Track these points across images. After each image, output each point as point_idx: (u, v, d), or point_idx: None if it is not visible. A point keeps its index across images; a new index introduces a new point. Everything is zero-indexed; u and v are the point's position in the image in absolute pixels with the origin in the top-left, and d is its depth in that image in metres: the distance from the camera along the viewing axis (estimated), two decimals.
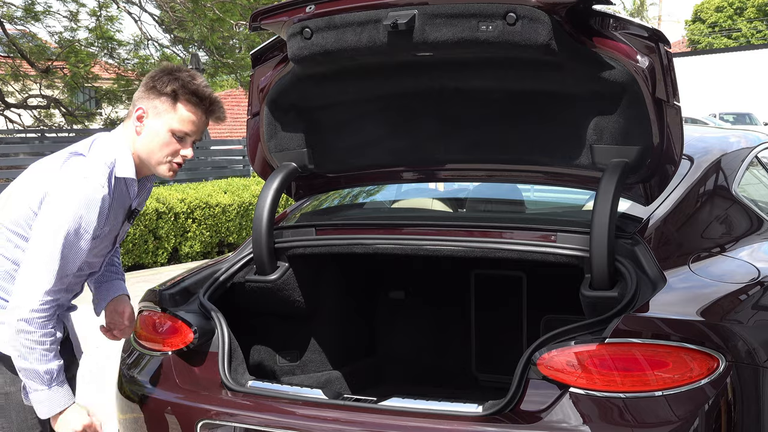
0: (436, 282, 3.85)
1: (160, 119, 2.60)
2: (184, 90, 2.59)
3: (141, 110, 2.62)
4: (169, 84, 2.59)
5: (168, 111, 2.60)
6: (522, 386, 2.51)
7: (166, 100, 2.59)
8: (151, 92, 2.62)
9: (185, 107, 2.60)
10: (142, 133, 2.62)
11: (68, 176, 2.51)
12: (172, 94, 2.59)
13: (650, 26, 2.60)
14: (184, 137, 2.62)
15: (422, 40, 2.61)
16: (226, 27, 15.06)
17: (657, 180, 2.80)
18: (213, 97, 2.64)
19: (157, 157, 2.63)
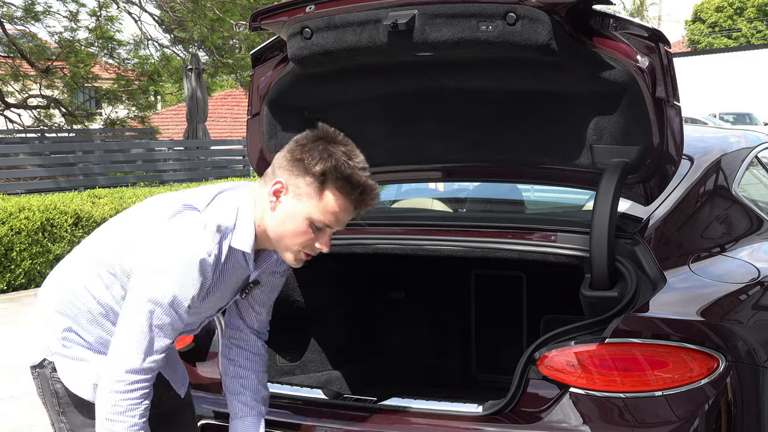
0: (436, 282, 3.85)
1: (300, 203, 2.23)
2: (337, 174, 2.20)
3: (280, 184, 2.24)
4: (320, 162, 2.20)
5: (311, 197, 2.22)
6: (522, 386, 2.51)
7: (311, 183, 2.21)
8: (296, 166, 2.23)
9: (333, 196, 2.21)
10: (276, 210, 2.26)
11: (174, 233, 2.22)
12: (321, 177, 2.20)
13: (650, 26, 2.60)
14: (324, 228, 2.27)
15: (422, 40, 2.61)
16: (226, 27, 15.08)
17: (657, 180, 2.80)
18: (368, 185, 2.23)
19: (286, 244, 2.28)
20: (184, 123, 18.01)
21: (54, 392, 2.40)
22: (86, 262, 2.39)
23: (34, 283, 9.08)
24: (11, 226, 8.72)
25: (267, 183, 2.30)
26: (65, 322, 2.37)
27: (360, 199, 2.24)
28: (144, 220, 2.34)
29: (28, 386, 5.71)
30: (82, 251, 2.44)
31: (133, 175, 14.22)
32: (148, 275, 2.20)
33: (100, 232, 2.46)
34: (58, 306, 2.38)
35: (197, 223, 2.23)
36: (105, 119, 18.65)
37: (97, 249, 2.39)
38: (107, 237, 2.41)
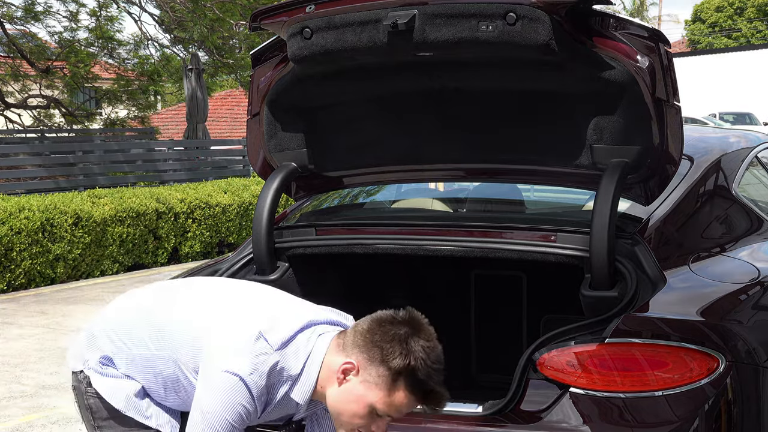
0: (435, 282, 3.85)
1: (367, 390, 2.18)
2: (412, 376, 2.15)
3: (351, 365, 2.20)
4: (399, 358, 2.14)
5: (380, 388, 2.17)
6: (522, 386, 2.51)
7: (384, 375, 2.16)
8: (373, 352, 2.18)
9: (402, 394, 2.17)
10: (341, 386, 2.22)
11: (239, 361, 2.17)
12: (395, 375, 2.15)
13: (650, 26, 2.60)
14: (384, 417, 2.23)
15: (422, 40, 2.61)
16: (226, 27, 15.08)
17: (657, 180, 2.80)
18: (439, 391, 2.18)
19: (343, 420, 2.25)
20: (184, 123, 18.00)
21: (88, 407, 2.44)
22: (155, 321, 2.37)
23: (34, 283, 9.08)
24: (11, 226, 8.72)
25: (341, 350, 2.24)
26: (109, 350, 2.40)
27: (427, 400, 2.20)
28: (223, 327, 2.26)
29: (28, 386, 5.73)
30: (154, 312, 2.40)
31: (133, 175, 14.21)
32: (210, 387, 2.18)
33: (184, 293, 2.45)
34: (111, 334, 2.42)
35: (265, 364, 2.19)
36: (105, 119, 18.64)
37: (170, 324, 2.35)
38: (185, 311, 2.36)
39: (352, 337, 2.25)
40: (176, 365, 2.32)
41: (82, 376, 2.44)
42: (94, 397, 2.41)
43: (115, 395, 2.39)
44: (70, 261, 9.32)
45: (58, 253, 9.17)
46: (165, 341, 2.33)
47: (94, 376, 2.42)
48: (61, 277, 9.33)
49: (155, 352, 2.35)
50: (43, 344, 6.74)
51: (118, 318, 2.46)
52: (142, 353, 2.37)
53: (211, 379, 2.20)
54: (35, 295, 8.78)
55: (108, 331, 2.43)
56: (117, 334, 2.41)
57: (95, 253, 9.63)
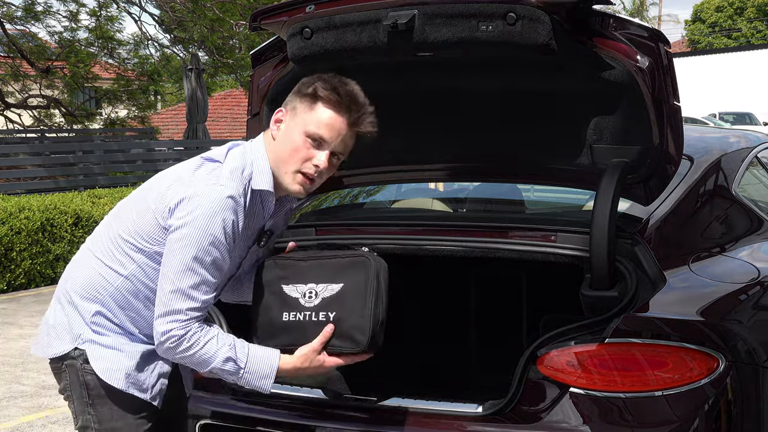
0: (436, 282, 3.85)
1: (296, 120, 2.40)
2: (326, 86, 2.38)
3: (281, 112, 2.44)
4: (313, 84, 2.40)
5: (305, 111, 2.39)
6: (522, 386, 2.51)
7: (305, 99, 2.40)
8: (294, 95, 2.44)
9: (324, 106, 2.38)
10: (277, 137, 2.42)
11: (200, 184, 2.31)
12: (313, 92, 2.39)
13: (650, 26, 2.60)
14: (321, 143, 2.38)
15: (422, 40, 2.61)
16: (226, 27, 15.08)
17: (657, 180, 2.80)
18: (360, 102, 2.41)
19: (287, 166, 2.39)
20: (184, 123, 18.01)
21: (84, 384, 2.41)
22: (105, 243, 2.43)
23: (34, 283, 9.08)
24: (11, 226, 8.72)
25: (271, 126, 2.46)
26: (93, 307, 2.40)
27: (351, 111, 2.38)
28: (165, 184, 2.38)
29: (28, 386, 5.73)
30: (98, 235, 2.48)
31: (133, 175, 14.22)
32: (183, 223, 2.26)
33: (111, 214, 2.51)
34: (84, 291, 2.41)
35: (221, 170, 2.34)
36: (105, 119, 18.65)
37: (113, 227, 2.43)
38: (122, 213, 2.44)
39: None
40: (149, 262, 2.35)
41: (76, 353, 2.39)
42: (92, 373, 2.38)
43: (114, 375, 2.37)
44: (70, 261, 9.32)
45: (58, 253, 9.17)
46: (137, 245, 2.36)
47: (92, 349, 2.38)
48: None
49: (128, 267, 2.37)
50: None
51: (75, 271, 2.47)
52: (118, 281, 2.37)
53: (189, 210, 2.26)
54: (35, 295, 8.78)
55: (78, 289, 2.42)
56: (85, 284, 2.41)
57: None
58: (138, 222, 2.37)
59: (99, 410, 2.41)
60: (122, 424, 2.40)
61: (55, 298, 2.51)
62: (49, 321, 2.49)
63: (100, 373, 2.37)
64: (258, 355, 2.35)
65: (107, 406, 2.40)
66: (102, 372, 2.37)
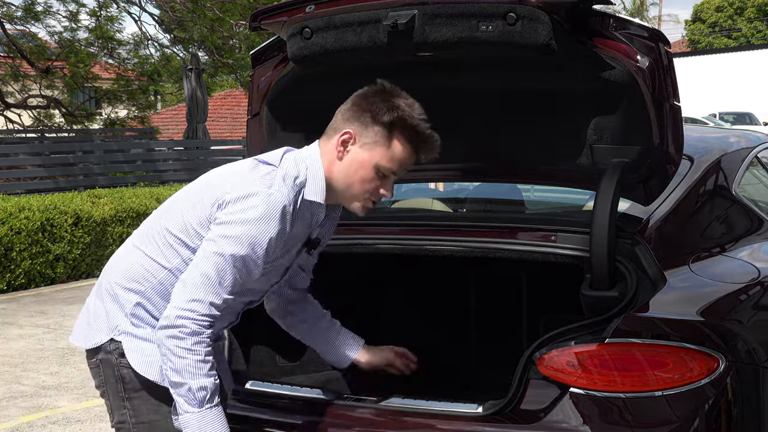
0: (436, 282, 3.85)
1: (368, 151, 2.36)
2: (404, 124, 2.36)
3: (348, 134, 2.38)
4: (388, 113, 2.35)
5: (379, 144, 2.36)
6: (522, 386, 2.51)
7: (380, 132, 2.35)
8: (363, 116, 2.37)
9: (400, 144, 2.37)
10: (344, 159, 2.38)
11: (253, 185, 2.30)
12: (389, 125, 2.35)
13: (650, 26, 2.60)
14: (389, 176, 2.41)
15: (422, 40, 2.61)
16: (226, 27, 15.08)
17: (657, 180, 2.80)
18: (430, 134, 2.41)
19: (354, 192, 2.40)
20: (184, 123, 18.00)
21: (120, 377, 2.39)
22: (152, 236, 2.41)
23: (34, 283, 9.08)
24: (11, 226, 8.72)
25: (331, 138, 2.42)
26: (134, 297, 2.38)
27: (423, 147, 2.41)
28: (217, 182, 2.38)
29: (28, 386, 5.73)
30: (146, 228, 2.46)
31: (133, 175, 14.22)
32: (229, 220, 2.26)
33: (162, 209, 2.48)
34: (126, 282, 2.39)
35: (275, 174, 2.33)
36: (105, 119, 18.65)
37: (162, 221, 2.41)
38: (173, 207, 2.43)
39: (336, 121, 2.43)
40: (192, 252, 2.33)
41: (112, 346, 2.38)
42: (128, 367, 2.37)
43: (150, 366, 2.35)
44: (70, 261, 9.33)
45: (58, 253, 9.17)
46: (184, 242, 2.34)
47: (128, 341, 2.36)
48: (61, 277, 9.33)
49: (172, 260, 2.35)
50: (43, 344, 6.74)
51: (123, 262, 2.44)
52: (162, 274, 2.36)
53: (240, 209, 2.26)
54: (35, 295, 8.78)
55: (120, 279, 2.40)
56: (128, 275, 2.38)
57: (95, 253, 9.63)
58: (187, 216, 2.36)
59: (135, 404, 2.40)
60: (159, 417, 2.38)
61: (95, 289, 2.49)
62: (89, 310, 2.48)
63: (135, 365, 2.36)
64: (217, 419, 2.26)
65: (143, 399, 2.39)
66: (137, 364, 2.36)
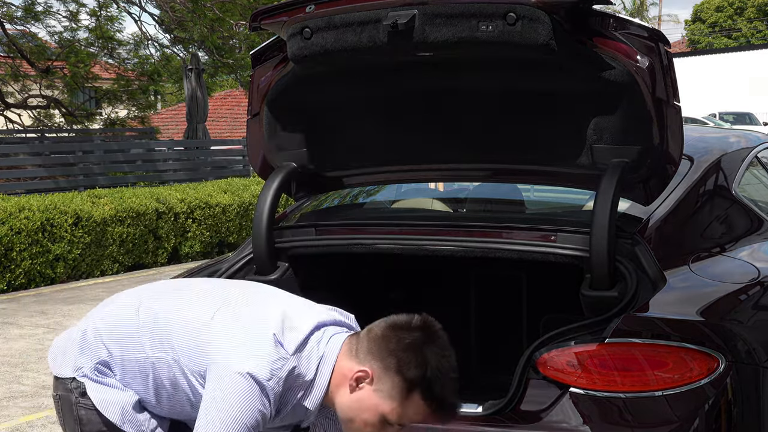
0: (436, 282, 3.85)
1: (380, 399, 2.14)
2: (427, 387, 2.11)
3: (365, 373, 2.15)
4: (415, 369, 2.10)
5: (394, 399, 2.13)
6: (522, 386, 2.51)
7: (399, 385, 2.12)
8: (388, 360, 2.13)
9: (415, 405, 2.14)
10: (353, 394, 2.18)
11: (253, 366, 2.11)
12: (410, 385, 2.11)
13: (650, 26, 2.60)
14: (394, 425, 2.19)
15: (422, 40, 2.61)
16: (226, 27, 15.08)
17: (657, 180, 2.80)
18: (452, 403, 2.16)
19: (354, 427, 2.21)
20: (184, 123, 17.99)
21: (78, 419, 2.33)
22: (148, 314, 2.29)
23: (34, 283, 9.08)
24: (11, 226, 8.71)
25: (353, 354, 2.19)
26: (104, 356, 2.30)
27: (440, 411, 2.16)
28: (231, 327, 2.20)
29: (28, 386, 5.73)
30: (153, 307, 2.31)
31: (133, 175, 14.21)
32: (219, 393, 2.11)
33: (184, 293, 2.36)
34: (107, 339, 2.31)
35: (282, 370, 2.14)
36: (105, 119, 18.64)
37: (166, 306, 2.29)
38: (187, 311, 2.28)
39: (366, 342, 2.19)
40: (177, 367, 2.23)
41: (73, 384, 2.31)
42: (87, 408, 2.29)
43: (111, 407, 2.28)
44: (70, 261, 9.32)
45: (58, 253, 9.16)
46: (166, 342, 2.23)
47: (89, 384, 2.30)
48: (61, 277, 9.33)
49: (155, 354, 2.25)
50: (43, 344, 6.74)
51: (115, 319, 2.33)
52: (140, 356, 2.26)
53: (227, 383, 2.11)
54: (35, 295, 8.78)
55: (102, 333, 2.31)
56: (113, 335, 2.29)
57: (95, 253, 9.63)
58: (181, 339, 2.23)
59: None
60: None
61: (84, 319, 2.42)
62: (69, 338, 2.39)
63: (96, 403, 2.29)
64: None
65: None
66: (99, 402, 2.29)
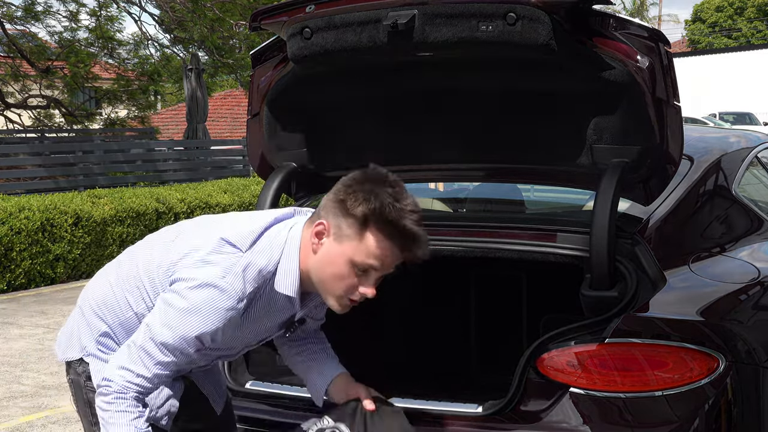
0: (435, 282, 3.85)
1: (340, 245, 2.14)
2: (380, 217, 2.10)
3: (322, 226, 2.16)
4: (363, 204, 2.11)
5: (351, 238, 2.12)
6: (522, 386, 2.51)
7: (353, 224, 2.12)
8: (339, 206, 2.15)
9: (375, 239, 2.11)
10: (318, 253, 2.18)
11: (206, 272, 2.13)
12: (362, 218, 2.11)
13: (650, 26, 2.60)
14: (369, 271, 2.16)
15: (422, 40, 2.61)
16: (226, 27, 15.08)
17: (657, 180, 2.80)
18: (413, 231, 2.11)
19: (329, 288, 2.19)
20: (184, 123, 18.00)
21: (87, 402, 2.38)
22: (125, 274, 2.36)
23: (34, 283, 9.08)
24: (11, 226, 8.72)
25: (312, 222, 2.22)
26: (102, 326, 2.36)
27: (405, 246, 2.13)
28: (179, 247, 2.26)
29: (28, 386, 5.74)
30: (123, 264, 2.40)
31: (133, 175, 14.22)
32: (176, 302, 2.15)
33: (149, 241, 2.42)
34: (98, 309, 2.37)
35: (236, 263, 2.15)
36: (105, 119, 18.64)
37: (136, 261, 2.35)
38: (142, 254, 2.36)
39: (320, 206, 2.22)
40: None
41: (81, 368, 2.37)
42: (94, 391, 2.31)
43: None
44: (70, 261, 9.32)
45: (58, 253, 9.17)
46: (143, 291, 2.28)
47: (94, 364, 2.34)
48: (61, 277, 9.33)
49: (139, 307, 2.29)
50: (43, 344, 6.74)
51: (101, 286, 2.39)
52: (130, 315, 2.31)
53: (182, 294, 2.13)
54: (35, 295, 8.78)
55: (94, 305, 2.37)
56: (104, 303, 2.35)
57: (95, 253, 9.63)
58: (150, 273, 2.29)
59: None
60: None
61: (78, 303, 2.48)
62: (69, 324, 2.48)
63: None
64: None
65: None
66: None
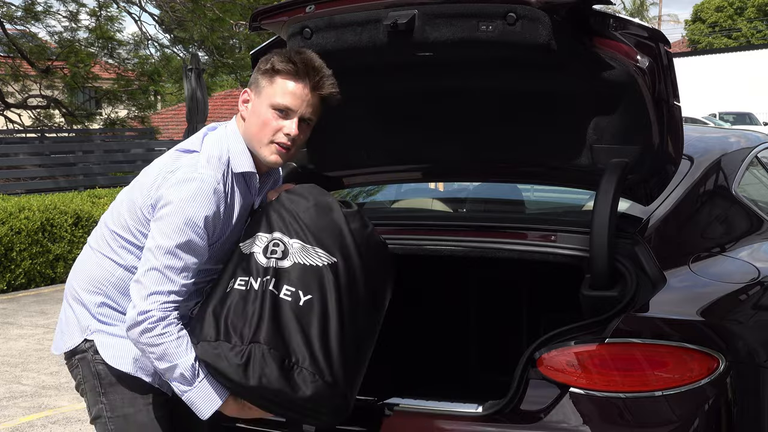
0: (435, 282, 3.85)
1: (260, 96, 2.48)
2: (282, 59, 2.46)
3: (246, 93, 2.53)
4: (270, 59, 2.49)
5: (267, 85, 2.47)
6: (522, 386, 2.51)
7: (265, 75, 2.48)
8: (256, 73, 2.51)
9: (283, 78, 2.46)
10: (247, 117, 2.51)
11: (180, 175, 2.39)
12: (271, 67, 2.47)
13: (650, 26, 2.60)
14: (288, 113, 2.47)
15: (422, 40, 2.61)
16: (226, 27, 15.09)
17: (657, 180, 2.80)
18: (317, 67, 2.48)
19: (260, 138, 2.48)
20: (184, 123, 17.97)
21: (96, 374, 2.50)
22: (103, 239, 2.53)
23: (34, 283, 9.08)
24: (11, 226, 8.72)
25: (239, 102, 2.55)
26: (98, 298, 2.50)
27: (309, 76, 2.45)
28: (149, 180, 2.46)
29: (28, 386, 5.74)
30: (97, 232, 2.59)
31: (133, 175, 14.14)
32: (167, 212, 2.34)
33: (107, 212, 2.60)
34: (88, 285, 2.52)
35: (200, 160, 2.42)
36: (105, 119, 18.64)
37: (109, 223, 2.54)
38: (114, 210, 2.54)
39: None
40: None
41: (86, 345, 2.50)
42: (102, 363, 2.49)
43: (123, 359, 2.47)
44: (70, 261, 9.32)
45: (58, 253, 9.17)
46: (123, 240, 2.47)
47: (100, 338, 2.48)
48: (61, 277, 9.33)
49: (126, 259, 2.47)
50: (43, 344, 6.74)
51: (81, 268, 2.57)
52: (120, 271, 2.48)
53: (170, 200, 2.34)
54: (35, 295, 8.78)
55: (81, 284, 2.53)
56: (91, 277, 2.51)
57: None
58: (128, 218, 2.47)
59: (110, 398, 2.50)
60: (133, 410, 2.49)
61: (64, 297, 2.62)
62: (61, 319, 2.61)
63: (108, 359, 2.47)
64: (212, 387, 2.35)
65: (118, 393, 2.49)
66: (110, 358, 2.48)
